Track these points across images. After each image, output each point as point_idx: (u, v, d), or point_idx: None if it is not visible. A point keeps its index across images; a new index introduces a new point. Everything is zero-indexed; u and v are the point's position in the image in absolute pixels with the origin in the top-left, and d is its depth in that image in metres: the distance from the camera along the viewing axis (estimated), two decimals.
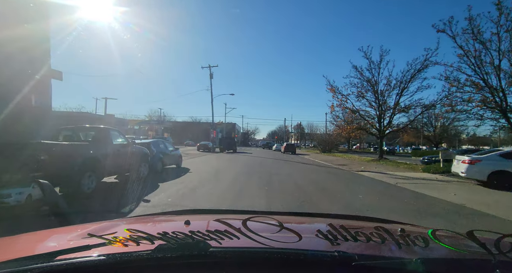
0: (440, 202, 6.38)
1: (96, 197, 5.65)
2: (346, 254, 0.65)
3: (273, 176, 10.06)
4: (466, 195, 7.30)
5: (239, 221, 0.68)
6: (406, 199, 6.63)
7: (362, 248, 0.69)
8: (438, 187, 8.57)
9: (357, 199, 6.56)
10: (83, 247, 0.68)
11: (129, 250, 0.64)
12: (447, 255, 0.78)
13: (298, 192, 6.99)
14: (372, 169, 14.10)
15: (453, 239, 0.98)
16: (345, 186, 8.86)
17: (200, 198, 6.05)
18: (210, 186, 7.71)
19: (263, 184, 8.13)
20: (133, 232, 0.69)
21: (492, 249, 0.60)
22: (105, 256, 0.62)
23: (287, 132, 47.68)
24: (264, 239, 0.66)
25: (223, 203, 5.56)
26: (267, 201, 5.83)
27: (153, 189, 6.62)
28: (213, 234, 0.66)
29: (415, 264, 0.62)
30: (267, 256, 0.65)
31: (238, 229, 0.66)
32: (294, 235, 0.69)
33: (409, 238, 0.66)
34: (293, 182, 8.82)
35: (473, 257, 0.68)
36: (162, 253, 0.62)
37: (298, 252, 0.67)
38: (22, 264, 0.61)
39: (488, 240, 0.65)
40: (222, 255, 0.65)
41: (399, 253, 0.70)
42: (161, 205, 5.09)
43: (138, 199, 5.40)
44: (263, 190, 7.13)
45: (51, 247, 0.94)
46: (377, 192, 7.59)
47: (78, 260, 0.62)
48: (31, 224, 3.01)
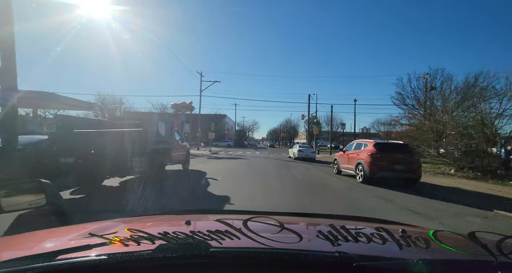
0: None
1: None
2: (347, 255, 0.65)
3: None
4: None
5: (240, 221, 0.68)
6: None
7: (363, 249, 0.69)
8: None
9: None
10: (84, 247, 0.68)
11: (129, 250, 0.64)
12: (448, 257, 0.77)
13: None
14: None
15: (455, 240, 0.98)
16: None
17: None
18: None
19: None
20: (134, 232, 0.69)
21: (494, 250, 0.60)
22: (106, 255, 0.62)
23: (312, 119, 32.34)
24: (265, 239, 0.66)
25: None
26: None
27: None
28: (214, 234, 0.66)
29: (416, 265, 0.62)
30: (268, 256, 0.65)
31: (239, 229, 0.66)
32: (295, 235, 0.69)
33: (410, 239, 0.66)
34: None
35: (475, 259, 0.67)
36: (163, 253, 0.62)
37: (298, 252, 0.67)
38: (23, 264, 0.61)
39: (490, 241, 0.64)
40: (222, 255, 0.65)
41: (400, 254, 0.69)
42: None
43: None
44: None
45: (52, 246, 0.94)
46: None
47: (79, 260, 0.62)
48: (31, 224, 3.01)
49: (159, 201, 5.12)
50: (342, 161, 10.99)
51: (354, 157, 9.70)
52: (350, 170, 9.95)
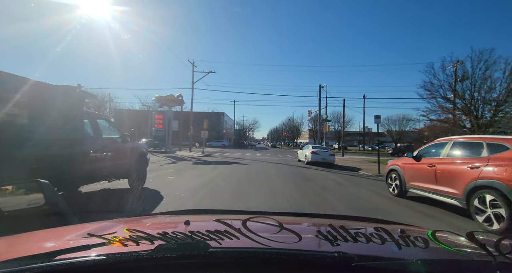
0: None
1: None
2: (346, 255, 0.65)
3: None
4: None
5: (239, 222, 0.68)
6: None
7: (362, 249, 0.69)
8: None
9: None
10: (82, 247, 0.68)
11: (128, 250, 0.64)
12: (447, 256, 0.77)
13: None
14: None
15: (454, 240, 0.98)
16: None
17: None
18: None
19: None
20: (133, 232, 0.69)
21: (493, 250, 0.60)
22: (105, 256, 0.62)
23: (316, 116, 28.84)
24: (264, 239, 0.66)
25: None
26: None
27: None
28: (213, 234, 0.66)
29: (415, 265, 0.62)
30: (267, 256, 0.65)
31: (238, 230, 0.66)
32: (294, 235, 0.69)
33: (409, 239, 0.66)
34: None
35: (473, 258, 0.68)
36: (162, 253, 0.62)
37: (297, 252, 0.67)
38: (22, 264, 0.61)
39: (488, 241, 0.65)
40: (222, 255, 0.65)
41: (399, 254, 0.69)
42: None
43: None
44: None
45: (51, 247, 0.94)
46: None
47: (77, 260, 0.61)
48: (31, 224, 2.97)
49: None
50: (413, 175, 6.07)
51: (457, 170, 4.82)
52: (441, 194, 5.13)
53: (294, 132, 71.69)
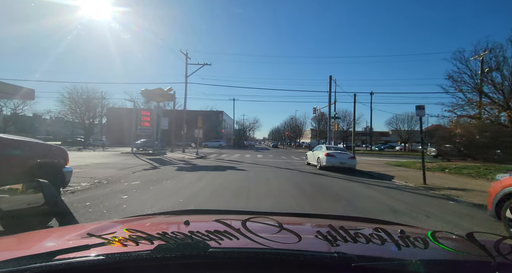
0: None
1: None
2: (345, 255, 0.65)
3: None
4: None
5: (239, 222, 0.68)
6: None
7: (361, 249, 0.69)
8: None
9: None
10: (82, 247, 0.68)
11: (128, 250, 0.64)
12: (446, 257, 0.77)
13: None
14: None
15: (453, 241, 0.98)
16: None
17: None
18: None
19: None
20: (133, 232, 0.69)
21: (492, 251, 0.60)
22: (104, 256, 0.62)
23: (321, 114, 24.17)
24: (264, 239, 0.66)
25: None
26: None
27: None
28: (213, 235, 0.66)
29: (414, 265, 0.62)
30: (267, 256, 0.65)
31: (238, 230, 0.66)
32: (294, 235, 0.69)
33: (408, 239, 0.66)
34: None
35: (473, 259, 0.68)
36: (162, 253, 0.62)
37: (297, 253, 0.67)
38: (21, 264, 0.61)
39: (488, 242, 0.65)
40: (221, 255, 0.65)
41: (399, 254, 0.69)
42: None
43: None
44: None
45: (50, 246, 0.94)
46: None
47: (77, 260, 0.61)
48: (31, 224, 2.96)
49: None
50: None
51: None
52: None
53: (297, 132, 69.59)
